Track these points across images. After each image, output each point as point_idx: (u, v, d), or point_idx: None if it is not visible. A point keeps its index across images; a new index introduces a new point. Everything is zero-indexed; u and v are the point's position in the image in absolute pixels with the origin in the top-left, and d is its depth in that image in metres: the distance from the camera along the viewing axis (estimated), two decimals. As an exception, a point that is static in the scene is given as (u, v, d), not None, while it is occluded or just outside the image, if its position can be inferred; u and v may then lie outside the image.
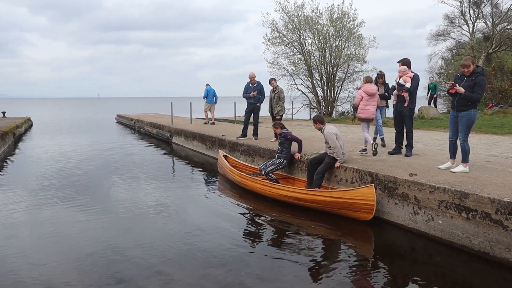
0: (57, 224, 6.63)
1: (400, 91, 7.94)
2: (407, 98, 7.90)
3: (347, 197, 6.62)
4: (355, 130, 15.59)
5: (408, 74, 7.91)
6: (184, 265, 5.01)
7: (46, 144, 17.92)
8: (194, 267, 4.95)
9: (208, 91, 18.16)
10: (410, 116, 8.10)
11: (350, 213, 6.68)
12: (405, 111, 8.02)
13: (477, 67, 6.35)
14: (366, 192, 6.44)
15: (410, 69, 8.01)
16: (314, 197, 7.07)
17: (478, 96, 6.31)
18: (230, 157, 10.69)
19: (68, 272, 4.83)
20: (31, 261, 5.15)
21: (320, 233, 6.29)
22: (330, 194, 6.88)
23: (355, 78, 25.27)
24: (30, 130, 25.63)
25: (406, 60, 8.10)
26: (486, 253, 5.10)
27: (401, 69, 8.00)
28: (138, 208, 7.51)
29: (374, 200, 6.39)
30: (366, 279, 4.69)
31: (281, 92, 11.26)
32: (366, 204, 6.45)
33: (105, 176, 10.57)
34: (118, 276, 4.70)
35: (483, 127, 14.23)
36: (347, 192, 6.68)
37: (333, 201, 6.79)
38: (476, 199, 5.19)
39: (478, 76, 6.27)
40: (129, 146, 17.06)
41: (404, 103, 7.96)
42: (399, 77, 8.03)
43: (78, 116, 44.30)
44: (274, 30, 24.57)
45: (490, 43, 25.38)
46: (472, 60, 6.40)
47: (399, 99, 8.06)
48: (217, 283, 4.50)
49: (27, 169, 11.77)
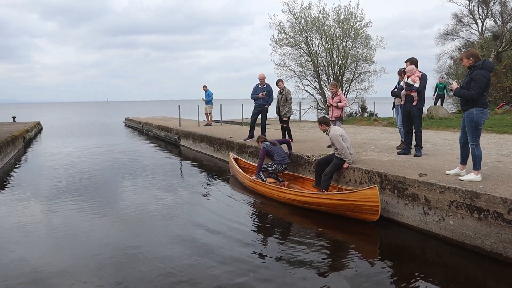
0: (68, 226, 6.66)
1: (408, 90, 7.86)
2: (416, 98, 7.82)
3: (351, 199, 6.55)
4: (363, 131, 15.51)
5: (417, 73, 7.83)
6: (193, 266, 4.99)
7: (56, 147, 18.06)
8: (203, 268, 4.92)
9: (210, 94, 18.59)
10: (419, 115, 8.01)
11: (357, 215, 6.62)
12: (414, 110, 7.93)
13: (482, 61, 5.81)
14: (370, 193, 6.35)
15: (417, 68, 7.94)
16: (320, 200, 7.04)
17: (472, 93, 5.69)
18: (240, 159, 10.74)
19: (79, 272, 4.83)
20: (43, 262, 5.17)
21: (328, 234, 6.24)
22: (335, 197, 6.83)
23: (362, 79, 25.20)
24: (40, 134, 25.86)
25: (414, 59, 8.03)
26: (498, 253, 5.01)
27: (409, 68, 7.91)
28: (148, 210, 7.53)
29: (379, 201, 6.31)
30: (376, 280, 4.62)
31: (288, 93, 11.21)
32: (371, 206, 6.37)
33: (115, 179, 10.61)
34: (126, 277, 4.69)
35: (494, 126, 14.05)
36: (350, 194, 6.61)
37: (338, 203, 6.74)
38: (488, 199, 5.11)
39: (475, 70, 5.72)
40: (137, 149, 17.14)
41: (412, 103, 7.88)
42: (407, 77, 7.95)
43: (87, 120, 44.64)
44: (281, 31, 24.59)
45: (500, 41, 25.11)
46: (466, 54, 5.90)
47: (408, 99, 7.97)
48: (224, 284, 4.47)
49: (38, 172, 11.86)
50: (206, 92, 18.65)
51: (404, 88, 7.95)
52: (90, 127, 32.30)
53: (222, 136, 13.95)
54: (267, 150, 8.87)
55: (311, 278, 4.67)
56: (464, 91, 5.80)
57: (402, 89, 8.04)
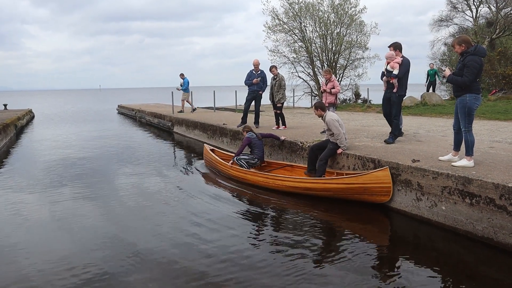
0: (60, 213, 6.61)
1: (389, 77, 7.77)
2: (396, 85, 7.73)
3: (361, 182, 6.53)
4: (357, 118, 15.52)
5: (396, 60, 7.67)
6: (187, 257, 4.98)
7: (48, 135, 17.90)
8: (201, 258, 4.92)
9: (187, 82, 18.93)
10: (399, 102, 7.92)
11: (366, 197, 6.60)
12: (394, 97, 7.85)
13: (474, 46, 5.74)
14: (382, 175, 6.35)
15: (401, 53, 7.80)
16: (326, 185, 6.96)
17: (465, 79, 5.65)
18: (217, 150, 10.31)
19: (70, 262, 4.81)
20: (36, 250, 5.14)
21: (320, 221, 6.25)
22: (343, 181, 6.77)
23: (356, 65, 25.12)
24: (32, 122, 25.61)
25: (397, 44, 7.87)
26: (490, 238, 5.05)
27: (388, 55, 7.75)
28: (137, 199, 7.46)
29: (391, 182, 6.33)
30: (368, 265, 4.64)
31: (282, 79, 11.13)
32: (382, 187, 6.38)
33: (107, 167, 10.55)
34: (112, 268, 4.68)
35: (487, 113, 14.10)
36: (360, 177, 6.58)
37: (346, 187, 6.69)
38: (480, 184, 5.13)
39: (468, 57, 5.66)
40: (130, 137, 17.03)
41: (393, 89, 7.81)
42: (387, 63, 7.85)
43: (79, 107, 44.26)
44: (275, 17, 24.36)
45: (494, 28, 25.08)
46: (458, 40, 5.82)
47: (388, 85, 7.89)
48: (220, 277, 4.44)
49: (30, 160, 11.76)
50: (184, 80, 18.87)
51: (385, 74, 7.86)
52: (82, 114, 32.02)
53: (215, 123, 13.89)
54: (251, 140, 8.79)
55: (302, 264, 4.67)
56: (457, 78, 5.77)
57: (383, 76, 7.94)
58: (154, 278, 4.38)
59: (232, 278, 4.33)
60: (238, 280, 4.30)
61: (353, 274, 4.40)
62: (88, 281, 4.30)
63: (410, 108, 17.35)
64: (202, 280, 4.31)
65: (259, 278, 4.32)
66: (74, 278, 4.38)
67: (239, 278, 4.34)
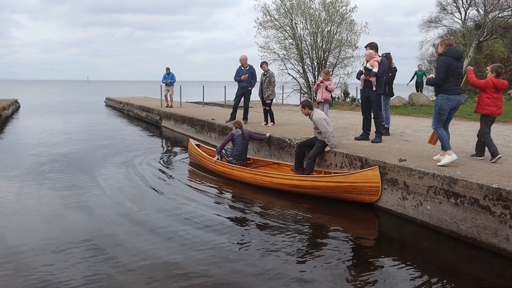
0: (44, 204, 6.52)
1: (367, 75, 7.82)
2: (374, 83, 7.78)
3: (350, 181, 6.54)
4: (345, 116, 15.59)
5: (375, 58, 7.75)
6: (163, 256, 4.95)
7: (34, 126, 17.63)
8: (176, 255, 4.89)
9: (173, 76, 18.81)
10: (378, 101, 7.98)
11: (354, 197, 6.61)
12: (372, 96, 7.90)
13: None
14: (371, 174, 6.38)
15: (377, 53, 7.89)
16: (315, 183, 6.92)
17: (434, 79, 6.01)
18: (202, 145, 10.19)
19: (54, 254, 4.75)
20: (21, 243, 5.06)
21: (307, 219, 6.24)
22: (332, 179, 6.77)
23: (346, 64, 25.23)
24: (17, 112, 25.20)
25: (374, 44, 7.95)
26: (473, 238, 5.12)
27: (368, 53, 7.81)
28: (118, 194, 7.35)
29: (380, 182, 6.36)
30: (353, 264, 4.68)
31: (272, 76, 11.10)
32: (371, 187, 6.41)
33: (89, 158, 10.41)
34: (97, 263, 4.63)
35: (473, 114, 14.25)
36: (349, 176, 6.60)
37: (335, 185, 6.69)
38: (465, 185, 5.19)
39: (439, 57, 5.98)
40: (117, 129, 16.85)
41: (371, 88, 7.87)
42: (366, 61, 7.91)
43: (66, 98, 43.63)
44: (266, 13, 24.33)
45: (481, 31, 25.40)
46: (441, 42, 6.16)
47: (366, 84, 7.94)
48: (209, 280, 4.44)
49: (14, 151, 11.57)
50: (169, 75, 18.72)
51: (363, 73, 7.91)
52: (69, 105, 31.60)
53: (204, 118, 13.82)
54: (234, 136, 8.70)
55: (287, 262, 4.67)
56: (429, 78, 6.10)
57: (362, 74, 7.99)
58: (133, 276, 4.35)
59: (212, 276, 4.31)
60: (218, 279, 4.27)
61: (337, 272, 4.41)
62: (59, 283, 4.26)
63: (398, 108, 17.50)
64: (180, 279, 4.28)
65: (240, 277, 4.30)
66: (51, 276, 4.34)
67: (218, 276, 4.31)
